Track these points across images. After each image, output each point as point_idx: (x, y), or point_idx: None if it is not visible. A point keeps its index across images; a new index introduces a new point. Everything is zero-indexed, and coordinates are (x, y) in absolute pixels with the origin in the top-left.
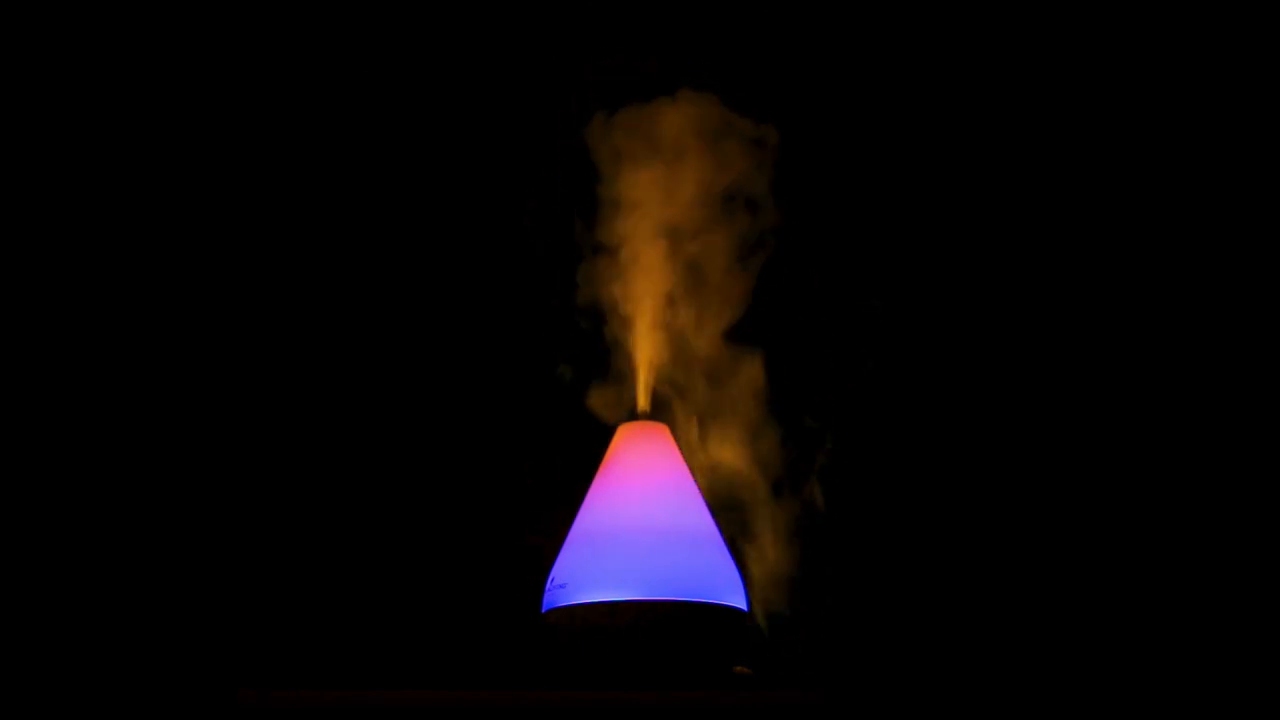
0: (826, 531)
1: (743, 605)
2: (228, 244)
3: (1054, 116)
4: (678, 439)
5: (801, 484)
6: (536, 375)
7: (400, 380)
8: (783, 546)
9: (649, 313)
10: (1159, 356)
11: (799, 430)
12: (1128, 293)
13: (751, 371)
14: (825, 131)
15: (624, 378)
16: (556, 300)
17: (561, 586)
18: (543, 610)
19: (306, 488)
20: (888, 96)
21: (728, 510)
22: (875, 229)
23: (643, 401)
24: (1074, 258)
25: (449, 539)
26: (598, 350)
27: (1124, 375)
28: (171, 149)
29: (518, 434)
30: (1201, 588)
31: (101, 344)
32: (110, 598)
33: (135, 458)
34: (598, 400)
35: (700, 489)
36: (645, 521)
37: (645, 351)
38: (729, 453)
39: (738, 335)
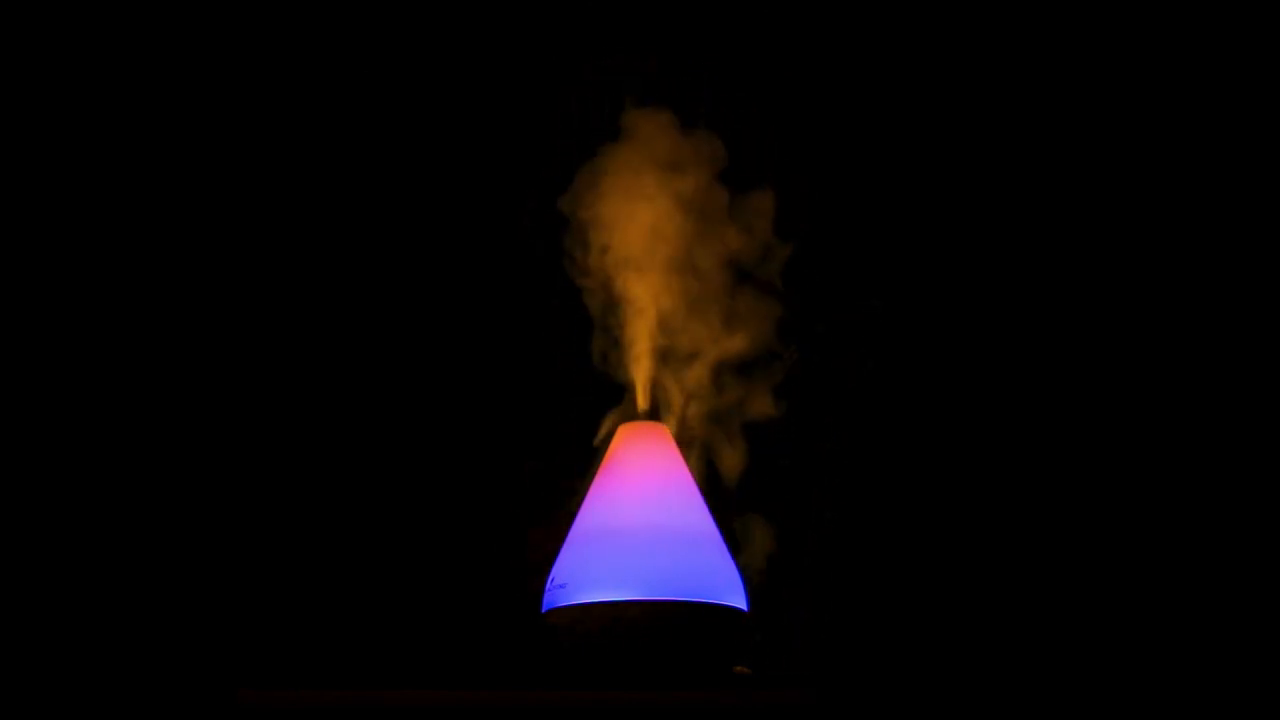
0: (826, 532)
1: (743, 605)
2: (230, 244)
3: (1051, 117)
4: (676, 438)
5: (802, 484)
6: (536, 375)
7: (400, 381)
8: (783, 547)
9: (649, 311)
10: (1158, 356)
11: (799, 428)
12: (1126, 292)
13: (752, 370)
14: (825, 131)
15: (624, 377)
16: (557, 300)
17: (561, 586)
18: (543, 610)
19: (307, 488)
20: (887, 97)
21: (726, 510)
22: (875, 229)
23: (643, 401)
24: (1071, 258)
25: (449, 539)
26: (598, 349)
27: (1123, 374)
28: (171, 149)
29: (518, 434)
30: (1201, 587)
31: (101, 344)
32: (110, 598)
33: (135, 458)
34: (599, 401)
35: (699, 488)
36: (645, 521)
37: (645, 351)
38: (728, 452)
39: (738, 334)
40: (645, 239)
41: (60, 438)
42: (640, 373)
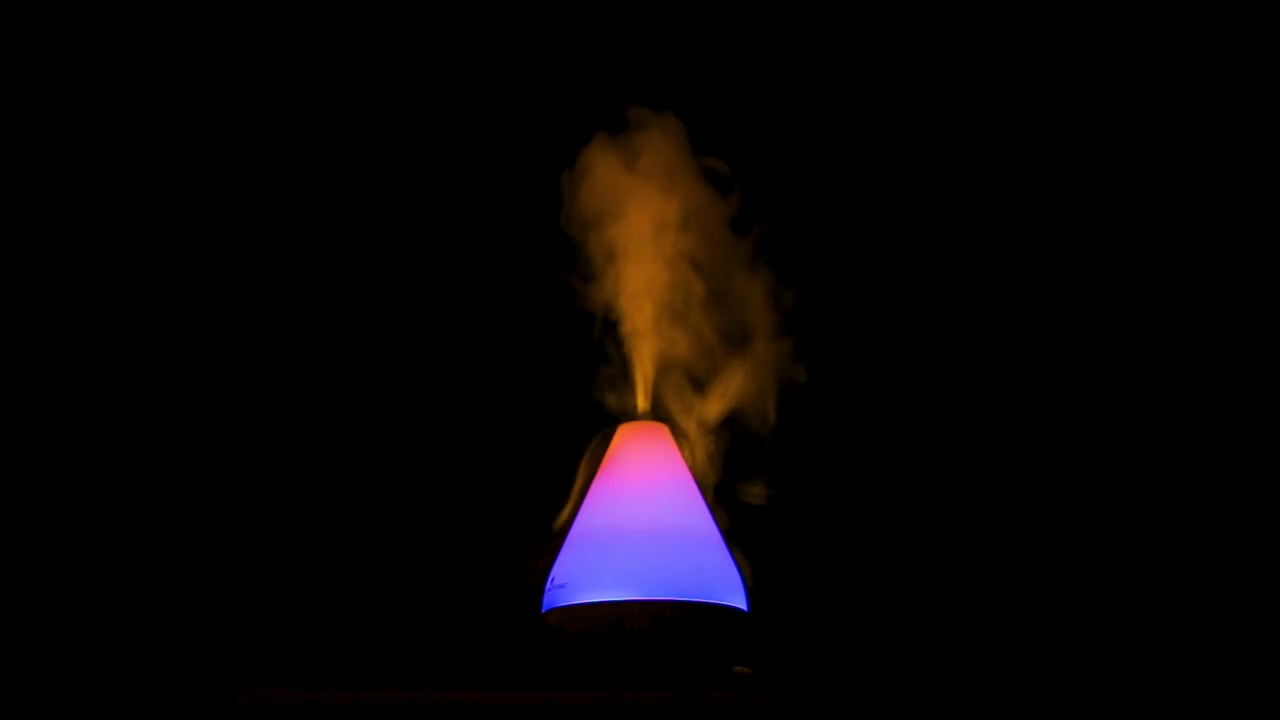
0: (825, 533)
1: (743, 605)
2: (232, 249)
3: (1040, 124)
4: (676, 438)
5: (798, 485)
6: (536, 376)
7: (401, 383)
8: (780, 548)
9: (648, 312)
10: (1150, 359)
11: (797, 430)
12: (1116, 299)
13: (750, 370)
14: (822, 135)
15: (624, 378)
16: (556, 300)
17: (561, 586)
18: (543, 610)
19: (307, 489)
20: (881, 103)
21: (727, 511)
22: (869, 230)
23: (643, 401)
24: (1062, 264)
25: (449, 539)
26: (598, 350)
27: (1116, 379)
28: (171, 151)
29: (518, 434)
30: (1200, 587)
31: (101, 344)
32: (110, 597)
33: (135, 458)
34: (598, 400)
35: (699, 489)
36: (645, 521)
37: (645, 352)
38: (727, 450)
39: (738, 333)
40: (648, 240)
41: (60, 438)
42: (641, 374)
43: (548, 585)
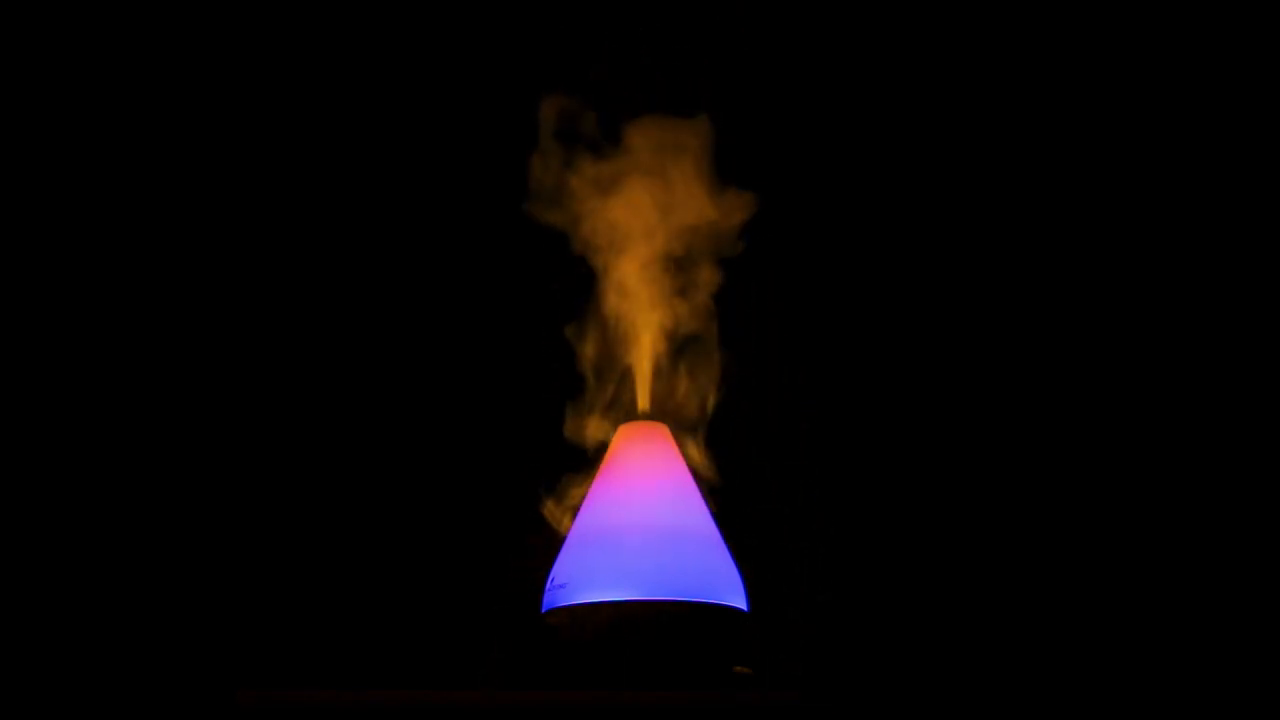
0: (821, 533)
1: (743, 605)
2: (230, 247)
3: (1031, 130)
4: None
5: (795, 485)
6: (536, 376)
7: (400, 382)
8: (777, 547)
9: (648, 312)
10: (1149, 360)
11: (793, 430)
12: (1115, 299)
13: (746, 369)
14: (820, 135)
15: (624, 378)
16: (556, 299)
17: (561, 586)
18: (543, 610)
19: (306, 489)
20: (879, 105)
21: (725, 511)
22: (866, 229)
23: (643, 401)
24: (1061, 264)
25: (448, 539)
26: (597, 350)
27: (1115, 379)
28: (171, 150)
29: (517, 434)
30: (1200, 587)
31: (101, 344)
32: (110, 598)
33: (135, 458)
34: (597, 400)
35: (699, 488)
36: (645, 521)
37: (645, 351)
38: (723, 452)
39: (735, 334)
40: (646, 237)
41: (60, 437)
42: (641, 373)
43: (548, 585)
